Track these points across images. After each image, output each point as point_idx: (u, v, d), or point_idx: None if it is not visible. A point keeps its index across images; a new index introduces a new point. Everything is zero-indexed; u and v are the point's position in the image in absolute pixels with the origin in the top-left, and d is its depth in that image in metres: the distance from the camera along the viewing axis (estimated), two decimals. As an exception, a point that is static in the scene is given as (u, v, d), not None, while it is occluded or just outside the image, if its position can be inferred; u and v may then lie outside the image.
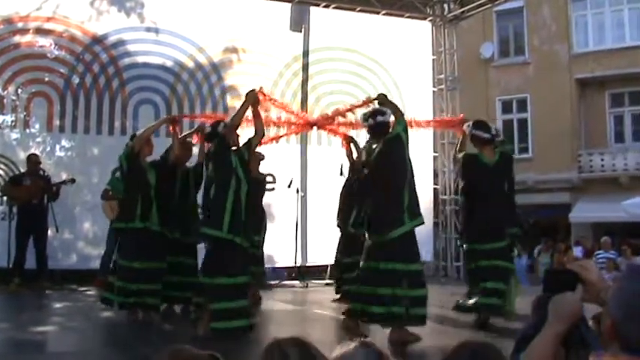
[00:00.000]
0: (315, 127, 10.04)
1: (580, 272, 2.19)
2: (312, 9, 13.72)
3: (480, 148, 7.98)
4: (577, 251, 17.27)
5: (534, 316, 2.47)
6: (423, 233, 10.44)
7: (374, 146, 7.30)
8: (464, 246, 8.35)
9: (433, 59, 14.93)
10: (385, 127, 7.16)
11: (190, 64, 12.76)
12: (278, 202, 12.33)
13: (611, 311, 1.98)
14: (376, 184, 7.06)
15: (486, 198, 7.74)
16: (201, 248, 7.91)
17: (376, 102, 7.54)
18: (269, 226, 10.56)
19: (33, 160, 10.93)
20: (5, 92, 11.66)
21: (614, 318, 1.96)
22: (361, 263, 7.01)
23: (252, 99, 7.43)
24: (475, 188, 7.93)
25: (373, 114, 7.28)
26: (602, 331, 2.06)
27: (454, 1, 14.89)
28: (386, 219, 6.86)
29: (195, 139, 8.93)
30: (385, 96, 7.49)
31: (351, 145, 9.18)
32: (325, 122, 9.55)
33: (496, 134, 8.08)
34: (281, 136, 10.26)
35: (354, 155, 9.05)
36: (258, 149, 8.49)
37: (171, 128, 8.93)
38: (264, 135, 7.73)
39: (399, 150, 7.00)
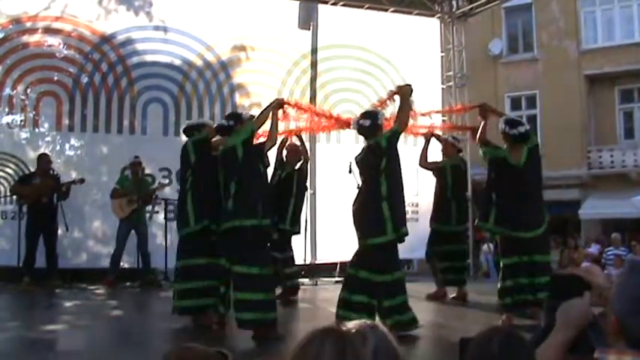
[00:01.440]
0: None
1: (586, 277, 2.19)
2: (321, 6, 13.69)
3: (509, 147, 7.90)
4: (594, 249, 17.20)
5: (544, 320, 2.48)
6: (427, 233, 10.41)
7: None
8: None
9: (442, 56, 14.88)
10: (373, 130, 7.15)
11: (199, 62, 12.76)
12: None
13: (615, 307, 2.00)
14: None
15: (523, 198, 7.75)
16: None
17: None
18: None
19: (44, 160, 10.96)
20: (14, 92, 11.70)
21: (618, 313, 1.98)
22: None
23: (277, 106, 7.45)
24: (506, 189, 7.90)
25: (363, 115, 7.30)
26: (607, 328, 2.07)
27: (462, -3, 14.86)
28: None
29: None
30: (410, 90, 7.35)
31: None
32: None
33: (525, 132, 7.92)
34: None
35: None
36: None
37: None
38: (275, 143, 7.74)
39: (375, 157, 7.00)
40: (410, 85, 7.40)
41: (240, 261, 6.72)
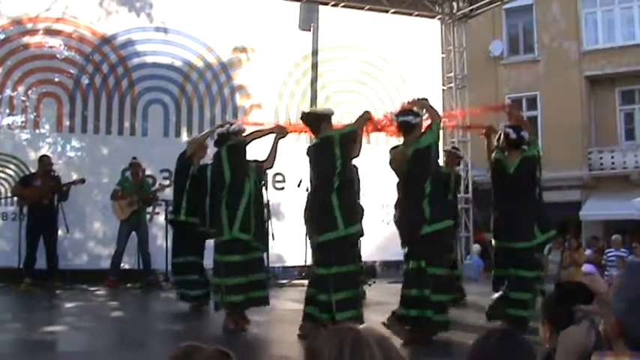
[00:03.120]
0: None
1: (590, 285, 2.22)
2: (321, 8, 13.70)
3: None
4: (587, 252, 17.16)
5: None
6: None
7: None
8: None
9: (442, 57, 14.90)
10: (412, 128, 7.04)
11: (199, 63, 12.77)
12: (287, 201, 12.32)
13: (615, 307, 2.02)
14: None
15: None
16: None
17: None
18: (278, 225, 10.59)
19: (45, 162, 10.95)
20: (15, 93, 11.71)
21: (618, 314, 2.00)
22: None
23: (281, 131, 7.84)
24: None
25: (401, 112, 7.18)
26: (606, 332, 2.09)
27: (463, -1, 14.87)
28: None
29: None
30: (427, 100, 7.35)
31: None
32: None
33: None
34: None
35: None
36: None
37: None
38: (272, 167, 8.14)
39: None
40: (426, 99, 7.37)
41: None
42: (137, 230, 11.17)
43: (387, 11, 14.20)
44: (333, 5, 13.80)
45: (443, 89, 14.78)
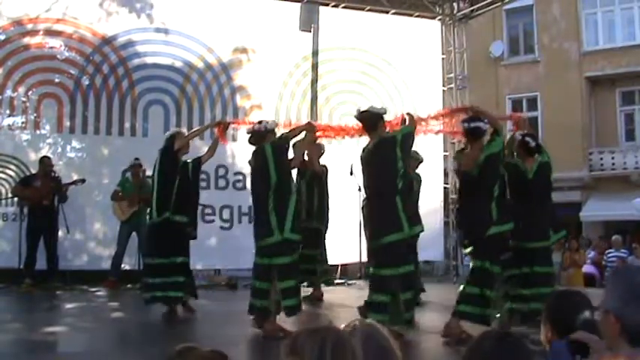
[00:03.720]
0: None
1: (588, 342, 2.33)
2: (322, 9, 13.69)
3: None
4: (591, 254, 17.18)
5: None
6: (434, 232, 10.45)
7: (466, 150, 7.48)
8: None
9: (443, 58, 14.88)
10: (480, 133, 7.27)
11: (200, 64, 12.76)
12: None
13: (610, 306, 2.06)
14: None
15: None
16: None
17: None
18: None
19: (46, 163, 10.95)
20: (15, 94, 11.70)
21: (615, 311, 2.05)
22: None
23: (311, 128, 8.09)
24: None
25: (471, 119, 7.42)
26: (605, 334, 2.12)
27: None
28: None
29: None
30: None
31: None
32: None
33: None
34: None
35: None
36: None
37: (217, 131, 9.01)
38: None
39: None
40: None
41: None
42: (137, 231, 11.16)
43: (387, 12, 14.20)
44: (333, 6, 13.79)
45: (443, 90, 14.77)
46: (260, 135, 7.50)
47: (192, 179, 8.65)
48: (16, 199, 11.23)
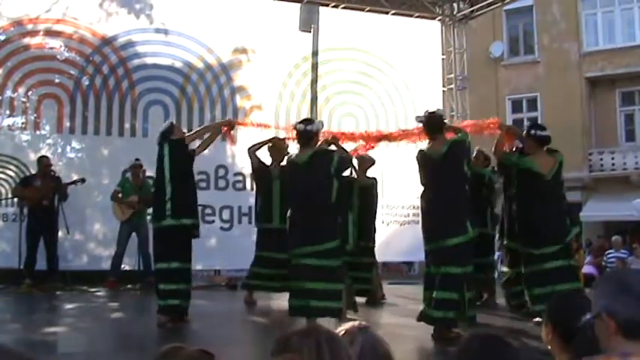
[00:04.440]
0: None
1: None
2: (322, 9, 13.70)
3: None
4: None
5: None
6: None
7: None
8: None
9: (443, 59, 14.89)
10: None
11: (199, 64, 12.76)
12: None
13: (601, 305, 2.10)
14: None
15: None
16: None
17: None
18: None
19: (44, 163, 10.94)
20: (15, 94, 11.71)
21: (607, 308, 2.08)
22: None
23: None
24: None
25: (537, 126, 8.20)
26: (601, 337, 2.13)
27: (463, 0, 14.86)
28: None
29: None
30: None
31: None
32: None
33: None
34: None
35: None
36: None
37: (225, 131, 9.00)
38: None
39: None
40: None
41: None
42: (137, 231, 11.17)
43: (387, 12, 14.21)
44: (333, 6, 13.80)
45: (443, 90, 14.78)
46: (309, 136, 7.42)
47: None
48: (16, 199, 11.22)
